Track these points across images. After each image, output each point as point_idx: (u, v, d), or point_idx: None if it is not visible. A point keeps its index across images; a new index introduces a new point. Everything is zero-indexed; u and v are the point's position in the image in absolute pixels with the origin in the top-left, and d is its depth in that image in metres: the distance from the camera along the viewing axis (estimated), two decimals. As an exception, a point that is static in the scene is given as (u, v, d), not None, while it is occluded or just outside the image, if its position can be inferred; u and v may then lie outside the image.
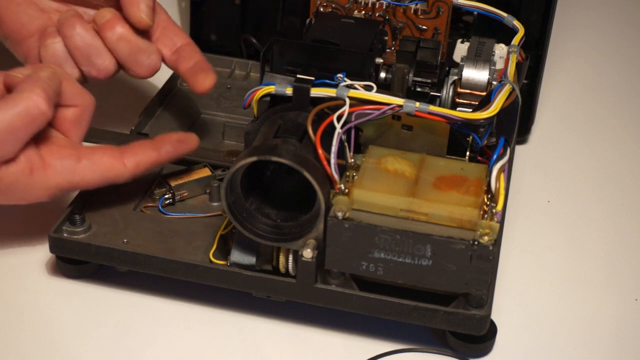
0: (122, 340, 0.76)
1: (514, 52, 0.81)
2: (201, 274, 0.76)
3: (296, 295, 0.75)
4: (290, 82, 0.76)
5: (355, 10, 0.90)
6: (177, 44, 0.87)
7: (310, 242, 0.72)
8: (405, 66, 0.81)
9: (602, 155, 0.99)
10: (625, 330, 0.80)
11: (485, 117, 0.73)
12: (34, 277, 0.80)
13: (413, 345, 0.76)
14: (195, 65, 0.86)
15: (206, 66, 0.86)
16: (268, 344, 0.77)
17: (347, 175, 0.73)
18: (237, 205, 0.73)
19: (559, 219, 0.90)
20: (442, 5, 0.88)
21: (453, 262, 0.71)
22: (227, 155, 0.87)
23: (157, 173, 0.86)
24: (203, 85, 0.85)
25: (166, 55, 0.87)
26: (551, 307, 0.81)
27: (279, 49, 0.80)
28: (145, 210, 0.83)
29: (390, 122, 0.77)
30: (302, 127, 0.73)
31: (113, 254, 0.77)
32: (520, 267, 0.84)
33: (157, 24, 0.86)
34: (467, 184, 0.73)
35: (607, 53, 1.16)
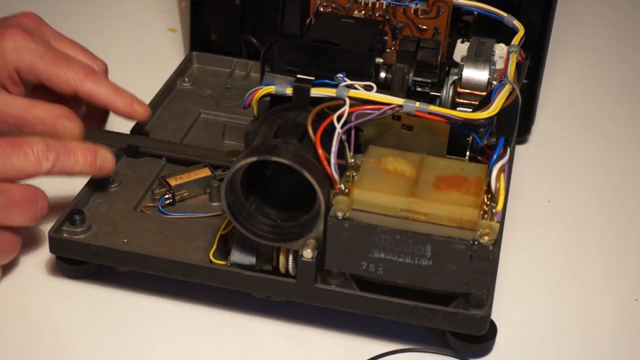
0: (122, 340, 0.76)
1: (514, 52, 0.81)
2: (201, 274, 0.76)
3: (296, 295, 0.75)
4: (290, 82, 0.76)
5: (355, 10, 0.90)
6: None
7: (310, 242, 0.72)
8: (406, 66, 0.81)
9: (602, 155, 0.99)
10: (625, 330, 0.80)
11: (485, 117, 0.73)
12: (34, 277, 0.80)
13: (413, 345, 0.76)
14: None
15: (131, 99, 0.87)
16: (268, 344, 0.77)
17: (347, 175, 0.73)
18: (237, 205, 0.73)
19: (559, 219, 0.90)
20: (442, 5, 0.88)
21: (453, 262, 0.71)
22: (227, 155, 0.87)
23: (157, 173, 0.86)
24: (143, 113, 0.87)
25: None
26: (551, 307, 0.81)
27: (279, 49, 0.80)
28: (145, 210, 0.83)
29: (390, 122, 0.77)
30: (302, 127, 0.73)
31: (113, 254, 0.77)
32: (520, 267, 0.84)
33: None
34: (467, 184, 0.73)
35: (607, 53, 1.16)
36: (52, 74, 0.83)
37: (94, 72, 0.84)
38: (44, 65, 0.83)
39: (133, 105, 0.86)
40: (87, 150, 0.79)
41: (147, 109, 0.87)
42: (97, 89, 0.84)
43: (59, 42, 0.87)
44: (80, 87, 0.83)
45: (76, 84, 0.83)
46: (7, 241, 0.77)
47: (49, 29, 0.87)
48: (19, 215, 0.75)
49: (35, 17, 0.87)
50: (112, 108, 0.85)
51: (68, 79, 0.83)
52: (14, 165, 0.75)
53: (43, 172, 0.76)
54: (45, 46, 0.83)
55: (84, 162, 0.78)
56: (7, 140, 0.76)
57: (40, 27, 0.86)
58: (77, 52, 0.87)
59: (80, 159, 0.78)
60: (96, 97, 0.84)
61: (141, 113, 0.86)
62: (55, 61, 0.83)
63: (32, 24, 0.86)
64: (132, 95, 0.86)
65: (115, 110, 0.85)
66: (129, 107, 0.85)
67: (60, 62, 0.83)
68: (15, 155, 0.75)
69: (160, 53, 1.10)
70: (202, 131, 0.93)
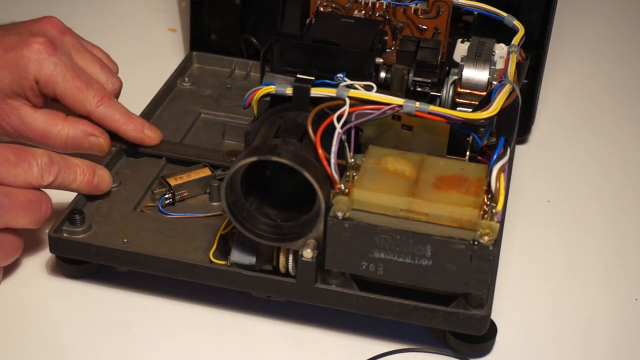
0: (122, 340, 0.76)
1: (514, 52, 0.81)
2: (201, 274, 0.76)
3: (296, 295, 0.75)
4: (290, 82, 0.76)
5: (355, 10, 0.90)
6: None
7: (310, 242, 0.72)
8: (405, 67, 0.81)
9: (602, 155, 0.99)
10: (625, 330, 0.80)
11: (485, 117, 0.73)
12: (34, 277, 0.80)
13: (413, 345, 0.76)
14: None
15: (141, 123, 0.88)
16: (268, 344, 0.77)
17: (347, 175, 0.73)
18: (237, 205, 0.73)
19: (559, 219, 0.90)
20: (442, 5, 0.88)
21: (453, 262, 0.71)
22: (226, 155, 0.87)
23: (157, 173, 0.86)
24: (154, 138, 0.88)
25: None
26: (551, 307, 0.81)
27: (279, 49, 0.80)
28: (145, 210, 0.83)
29: (390, 122, 0.77)
30: (302, 127, 0.73)
31: (113, 254, 0.77)
32: (520, 267, 0.84)
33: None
34: (467, 184, 0.73)
35: (607, 53, 1.16)
36: (69, 93, 0.84)
37: (109, 97, 0.86)
38: (63, 83, 0.84)
39: (144, 131, 0.87)
40: (86, 168, 0.80)
41: (159, 133, 0.88)
42: (110, 113, 0.85)
43: (80, 55, 0.87)
44: (95, 110, 0.85)
45: (91, 107, 0.85)
46: (9, 243, 0.77)
47: (71, 38, 0.88)
48: (22, 218, 0.76)
49: (60, 24, 0.88)
50: (123, 133, 0.86)
51: (84, 101, 0.84)
52: (19, 175, 0.76)
53: (44, 184, 0.78)
54: (67, 63, 0.84)
55: (81, 179, 0.80)
56: (12, 148, 0.77)
57: (63, 37, 0.87)
58: (96, 67, 0.88)
59: (79, 176, 0.80)
60: (109, 121, 0.86)
61: (153, 138, 0.87)
62: (75, 81, 0.84)
63: (57, 33, 0.87)
64: (143, 121, 0.87)
65: (126, 136, 0.87)
66: (139, 133, 0.87)
67: (80, 82, 0.84)
68: (20, 165, 0.76)
69: (160, 53, 1.10)
70: (202, 131, 0.93)
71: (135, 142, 0.87)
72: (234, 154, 0.87)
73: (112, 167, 0.86)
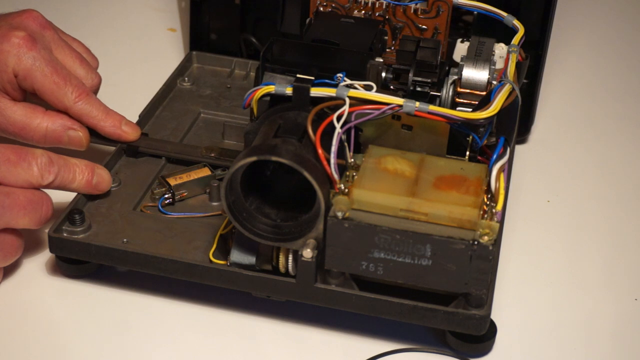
0: (122, 340, 0.76)
1: (514, 51, 0.81)
2: (201, 274, 0.76)
3: (296, 295, 0.75)
4: (290, 82, 0.76)
5: (355, 10, 0.90)
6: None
7: (310, 242, 0.72)
8: (381, 62, 0.80)
9: (601, 155, 0.99)
10: (625, 330, 0.80)
11: (485, 117, 0.73)
12: (34, 276, 0.80)
13: (413, 345, 0.76)
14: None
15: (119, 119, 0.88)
16: (268, 344, 0.77)
17: (347, 175, 0.73)
18: (237, 205, 0.73)
19: (559, 219, 0.90)
20: (442, 5, 0.88)
21: (453, 262, 0.71)
22: (206, 151, 0.87)
23: (157, 173, 0.86)
24: (131, 134, 0.88)
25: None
26: (551, 307, 0.81)
27: (279, 49, 0.80)
28: (145, 210, 0.83)
29: (390, 122, 0.77)
30: (302, 127, 0.73)
31: (113, 254, 0.77)
32: (520, 267, 0.84)
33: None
34: (467, 183, 0.73)
35: (607, 53, 1.16)
36: (47, 88, 0.84)
37: (87, 93, 0.86)
38: (42, 78, 0.84)
39: (121, 127, 0.87)
40: (85, 168, 0.80)
41: (136, 129, 0.88)
42: (88, 109, 0.86)
43: (60, 49, 0.88)
44: (73, 106, 0.85)
45: (69, 103, 0.85)
46: (10, 243, 0.77)
47: (52, 33, 0.88)
48: (23, 218, 0.76)
49: (40, 18, 0.88)
50: (100, 129, 0.87)
51: (62, 97, 0.85)
52: (19, 174, 0.76)
53: (44, 184, 0.78)
54: (46, 58, 0.84)
55: (80, 179, 0.80)
56: (12, 148, 0.77)
57: (43, 31, 0.87)
58: (76, 62, 0.88)
59: (78, 175, 0.80)
60: (86, 117, 0.86)
61: (130, 134, 0.87)
62: (54, 76, 0.84)
63: (37, 27, 0.87)
64: (121, 117, 0.88)
65: (104, 132, 0.87)
66: (117, 129, 0.87)
67: (59, 78, 0.84)
68: (20, 165, 0.76)
69: (160, 53, 1.10)
70: (202, 131, 0.93)
71: (113, 138, 0.87)
72: (213, 150, 0.87)
73: (112, 167, 0.86)
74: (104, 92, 0.94)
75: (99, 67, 0.93)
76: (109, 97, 0.99)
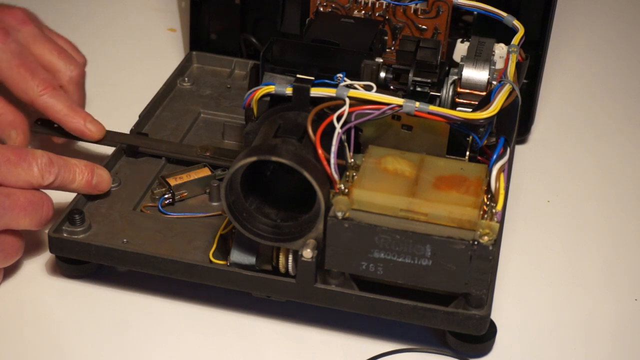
0: (122, 340, 0.76)
1: (514, 52, 0.81)
2: (201, 274, 0.76)
3: (296, 295, 0.75)
4: (290, 82, 0.76)
5: (355, 10, 0.90)
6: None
7: (310, 242, 0.72)
8: (375, 62, 0.80)
9: (601, 155, 0.99)
10: (625, 330, 0.80)
11: (485, 117, 0.73)
12: (34, 276, 0.80)
13: (413, 345, 0.76)
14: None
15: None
16: (268, 344, 0.77)
17: (347, 175, 0.73)
18: (237, 205, 0.73)
19: (559, 219, 0.90)
20: (442, 5, 0.88)
21: (453, 262, 0.71)
22: (201, 150, 0.87)
23: (157, 173, 0.86)
24: (96, 133, 0.88)
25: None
26: (551, 307, 0.81)
27: (279, 49, 0.80)
28: (145, 210, 0.83)
29: (390, 122, 0.77)
30: (302, 127, 0.73)
31: (113, 254, 0.77)
32: (520, 267, 0.84)
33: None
34: (467, 183, 0.73)
35: (607, 53, 1.16)
36: (13, 79, 0.85)
37: (54, 88, 0.86)
38: (8, 70, 0.85)
39: (85, 124, 0.87)
40: (84, 168, 0.80)
41: (101, 129, 0.88)
42: (52, 103, 0.86)
43: (39, 43, 0.88)
44: (37, 99, 0.86)
45: (34, 95, 0.86)
46: (10, 244, 0.77)
47: (31, 28, 0.88)
48: (24, 219, 0.76)
49: (23, 14, 0.89)
50: (65, 125, 0.87)
51: (27, 89, 0.85)
52: (19, 175, 0.76)
53: (44, 184, 0.78)
54: (15, 51, 0.85)
55: (80, 179, 0.80)
56: (12, 149, 0.77)
57: (23, 27, 0.88)
58: (54, 54, 0.89)
59: (78, 175, 0.80)
60: (51, 111, 0.86)
61: (94, 132, 0.87)
62: (20, 68, 0.85)
63: (15, 23, 0.88)
64: (86, 114, 0.88)
65: (68, 128, 0.87)
66: (81, 126, 0.87)
67: (25, 70, 0.85)
68: (20, 165, 0.76)
69: (160, 53, 1.10)
70: (202, 131, 0.93)
71: (77, 134, 0.87)
72: (208, 149, 0.87)
73: (112, 167, 0.86)
74: (104, 92, 0.94)
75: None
76: (109, 97, 0.99)
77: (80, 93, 0.91)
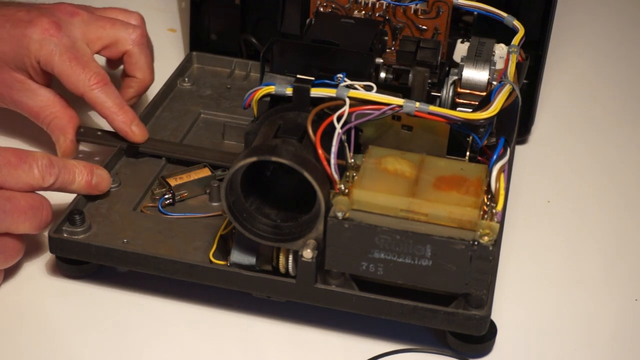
0: (122, 340, 0.76)
1: (514, 52, 0.81)
2: (201, 274, 0.76)
3: (296, 296, 0.75)
4: (290, 82, 0.76)
5: (355, 10, 0.90)
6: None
7: (310, 242, 0.72)
8: (425, 69, 0.80)
9: (601, 155, 0.99)
10: (625, 331, 0.80)
11: (485, 117, 0.73)
12: (34, 277, 0.80)
13: (413, 345, 0.76)
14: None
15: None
16: (268, 344, 0.77)
17: (347, 175, 0.73)
18: (237, 205, 0.73)
19: (559, 219, 0.90)
20: (442, 5, 0.88)
21: (453, 262, 0.71)
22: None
23: (157, 173, 0.86)
24: (139, 136, 0.88)
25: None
26: (551, 307, 0.81)
27: (279, 49, 0.80)
28: (145, 210, 0.83)
29: (390, 122, 0.77)
30: (302, 127, 0.73)
31: (113, 254, 0.77)
32: (520, 267, 0.84)
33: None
34: (467, 184, 0.73)
35: (607, 53, 1.16)
36: (65, 73, 0.86)
37: (105, 83, 0.87)
38: (60, 64, 0.86)
39: (131, 126, 0.87)
40: (84, 168, 0.81)
41: (145, 132, 0.88)
42: (102, 99, 0.87)
43: (92, 28, 0.89)
44: (88, 92, 0.86)
45: (85, 89, 0.86)
46: (11, 246, 0.77)
47: (81, 17, 0.89)
48: (24, 223, 0.76)
49: (71, 7, 0.90)
50: (111, 122, 0.88)
51: (78, 82, 0.86)
52: (20, 177, 0.76)
53: (45, 186, 0.78)
54: (67, 45, 0.86)
55: (80, 180, 0.80)
56: (13, 151, 0.77)
57: (73, 18, 0.89)
58: (107, 29, 0.90)
59: (78, 176, 0.80)
60: (100, 106, 0.87)
61: (137, 135, 0.88)
62: (72, 62, 0.86)
63: (66, 16, 0.88)
64: (134, 116, 0.88)
65: (113, 125, 0.88)
66: (126, 126, 0.87)
67: (76, 64, 0.86)
68: (21, 167, 0.76)
69: (160, 53, 1.10)
70: (202, 131, 0.93)
71: (121, 134, 0.87)
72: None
73: (112, 167, 0.86)
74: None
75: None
76: (109, 97, 0.99)
77: (147, 52, 0.92)
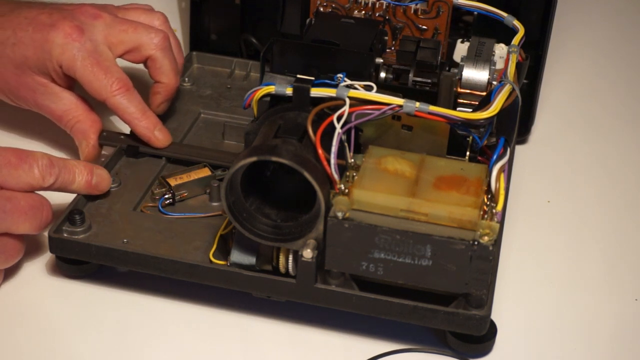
0: (122, 340, 0.76)
1: (514, 52, 0.81)
2: (201, 274, 0.76)
3: (296, 295, 0.75)
4: (290, 82, 0.76)
5: (355, 10, 0.90)
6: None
7: (310, 242, 0.72)
8: (453, 74, 0.80)
9: (602, 155, 0.99)
10: (625, 331, 0.80)
11: (485, 117, 0.73)
12: (34, 277, 0.80)
13: (413, 345, 0.76)
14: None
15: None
16: (268, 344, 0.77)
17: (347, 175, 0.73)
18: (237, 205, 0.73)
19: (559, 219, 0.90)
20: (442, 5, 0.88)
21: (453, 262, 0.71)
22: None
23: (157, 173, 0.86)
24: (162, 141, 0.88)
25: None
26: (551, 307, 0.81)
27: (279, 49, 0.80)
28: (145, 210, 0.83)
29: (390, 122, 0.77)
30: (302, 127, 0.73)
31: (113, 254, 0.77)
32: (520, 267, 0.84)
33: None
34: (467, 184, 0.73)
35: (607, 53, 1.16)
36: (87, 79, 0.85)
37: (127, 89, 0.86)
38: (82, 69, 0.85)
39: (154, 131, 0.87)
40: (83, 168, 0.81)
41: (168, 137, 0.88)
42: (125, 105, 0.86)
43: (114, 31, 0.88)
44: (110, 98, 0.86)
45: (107, 95, 0.86)
46: (11, 246, 0.77)
47: (103, 19, 0.88)
48: (24, 223, 0.76)
49: (91, 10, 0.89)
50: (134, 127, 0.87)
51: (100, 88, 0.86)
52: (20, 177, 0.76)
53: (45, 186, 0.78)
54: (90, 49, 0.85)
55: (80, 180, 0.80)
56: (13, 151, 0.77)
57: (95, 21, 0.88)
58: (130, 33, 0.88)
59: (78, 176, 0.80)
60: (123, 112, 0.86)
61: (161, 140, 0.87)
62: (94, 67, 0.85)
63: (88, 19, 0.88)
64: (157, 121, 0.88)
65: (136, 131, 0.87)
66: (149, 132, 0.87)
67: (99, 69, 0.85)
68: (21, 167, 0.76)
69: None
70: (202, 131, 0.93)
71: (144, 139, 0.87)
72: None
73: (112, 167, 0.86)
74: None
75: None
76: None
77: (171, 56, 0.90)
